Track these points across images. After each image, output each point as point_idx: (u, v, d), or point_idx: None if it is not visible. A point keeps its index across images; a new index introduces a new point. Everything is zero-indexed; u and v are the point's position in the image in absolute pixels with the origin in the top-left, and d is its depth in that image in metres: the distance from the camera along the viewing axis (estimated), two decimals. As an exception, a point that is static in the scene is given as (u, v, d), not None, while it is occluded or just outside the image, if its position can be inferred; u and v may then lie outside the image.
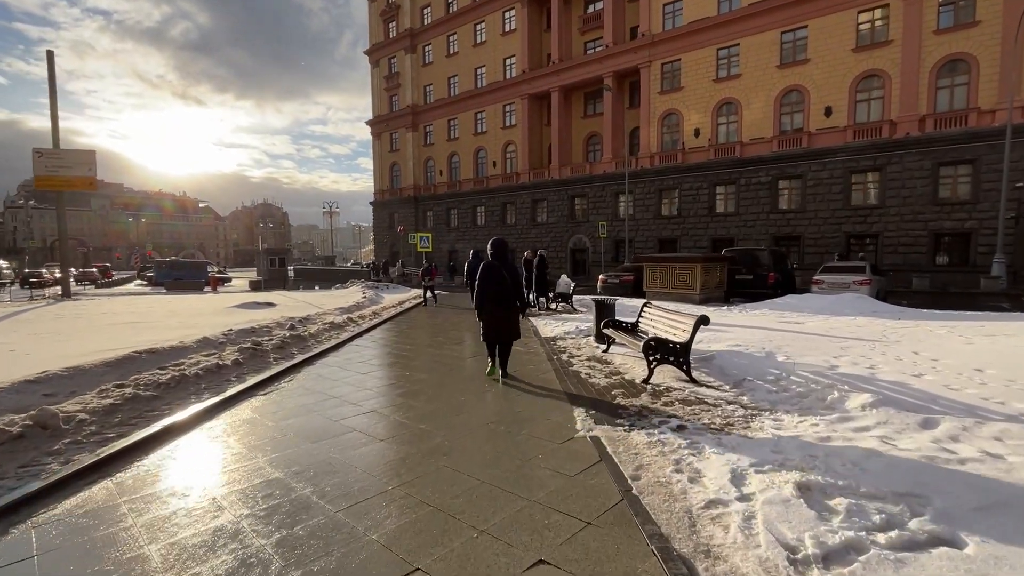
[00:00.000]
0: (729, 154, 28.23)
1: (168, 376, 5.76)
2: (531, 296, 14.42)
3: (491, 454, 3.89)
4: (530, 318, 12.23)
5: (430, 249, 22.69)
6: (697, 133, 29.39)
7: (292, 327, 9.68)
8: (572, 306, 13.53)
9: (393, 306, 15.69)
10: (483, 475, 3.49)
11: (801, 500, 2.75)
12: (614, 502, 3.03)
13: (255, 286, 28.05)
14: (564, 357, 7.50)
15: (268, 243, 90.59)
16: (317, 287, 25.70)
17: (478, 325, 6.47)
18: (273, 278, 28.36)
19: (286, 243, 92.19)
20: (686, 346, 5.64)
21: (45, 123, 17.44)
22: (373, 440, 4.29)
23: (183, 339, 7.78)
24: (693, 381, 5.64)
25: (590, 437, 4.12)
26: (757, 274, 15.10)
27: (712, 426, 4.23)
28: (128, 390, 5.19)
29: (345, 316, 12.09)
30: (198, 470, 3.73)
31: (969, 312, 11.75)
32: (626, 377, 6.10)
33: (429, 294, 16.77)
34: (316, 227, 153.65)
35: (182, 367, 6.23)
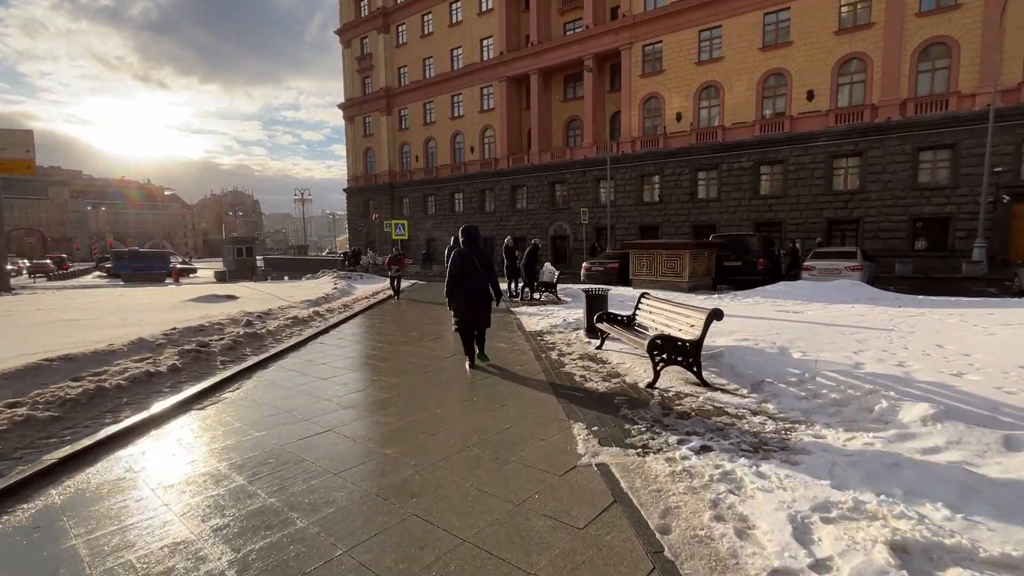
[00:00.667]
0: (711, 139, 27.70)
1: (80, 390, 4.73)
2: (514, 285, 13.61)
3: (473, 493, 3.04)
4: (512, 310, 11.40)
5: (406, 237, 21.58)
6: (679, 117, 28.75)
7: (248, 323, 8.64)
8: (557, 295, 12.73)
9: (365, 298, 14.65)
10: (463, 529, 2.64)
11: (904, 573, 1.98)
12: (643, 574, 2.22)
13: (221, 277, 26.50)
14: (554, 355, 6.69)
15: (240, 232, 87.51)
16: (286, 277, 24.38)
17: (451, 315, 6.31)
18: (240, 268, 26.85)
19: (257, 232, 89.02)
20: (697, 345, 4.87)
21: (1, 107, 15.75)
22: (325, 473, 3.39)
23: (115, 341, 6.70)
24: (705, 385, 4.88)
25: (597, 465, 3.31)
26: (746, 260, 14.54)
27: (743, 446, 3.47)
28: (22, 411, 4.17)
29: (311, 310, 11.05)
30: (83, 528, 2.79)
31: (964, 298, 11.36)
32: (627, 380, 5.31)
33: (403, 283, 15.76)
34: (289, 216, 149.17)
35: (102, 377, 5.19)
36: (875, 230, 24.01)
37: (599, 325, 6.62)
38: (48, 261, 37.55)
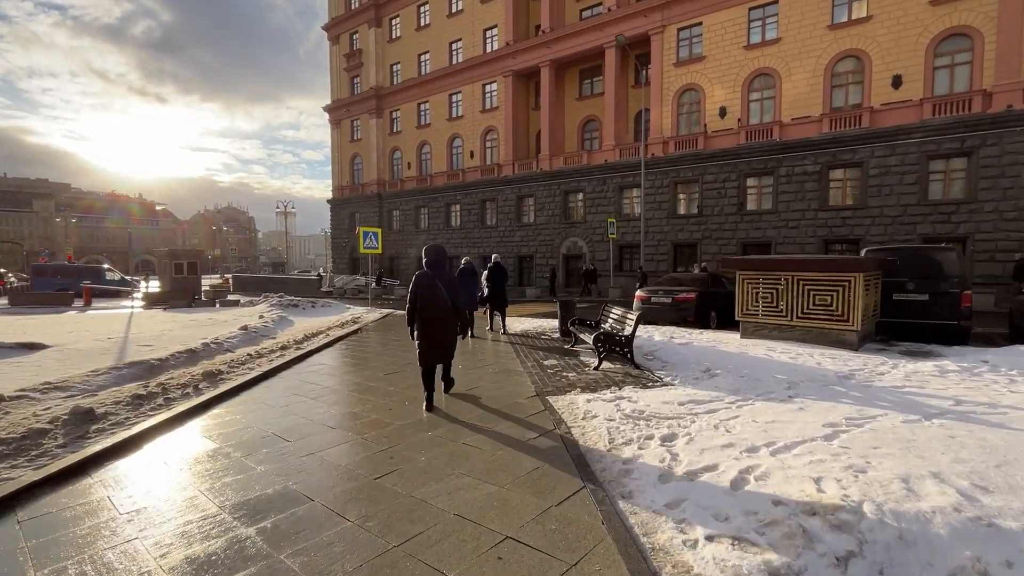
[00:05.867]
0: (765, 137, 21.64)
1: None
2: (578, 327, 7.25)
3: None
4: (551, 398, 4.90)
5: (378, 250, 15.15)
6: (723, 113, 22.74)
7: None
8: (634, 360, 6.20)
9: (280, 349, 8.08)
10: None
11: None
12: None
13: (151, 300, 19.98)
14: None
15: (233, 250, 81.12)
16: (218, 304, 17.85)
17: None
18: (178, 290, 20.24)
19: (235, 249, 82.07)
20: None
21: None
22: None
23: None
24: None
25: None
26: (936, 293, 8.13)
27: None
28: None
29: (74, 403, 4.49)
30: None
31: None
32: None
33: (371, 315, 9.24)
34: (289, 234, 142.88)
35: None
36: (990, 251, 17.77)
37: None
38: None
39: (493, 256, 10.65)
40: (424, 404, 4.79)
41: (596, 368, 6.12)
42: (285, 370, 6.70)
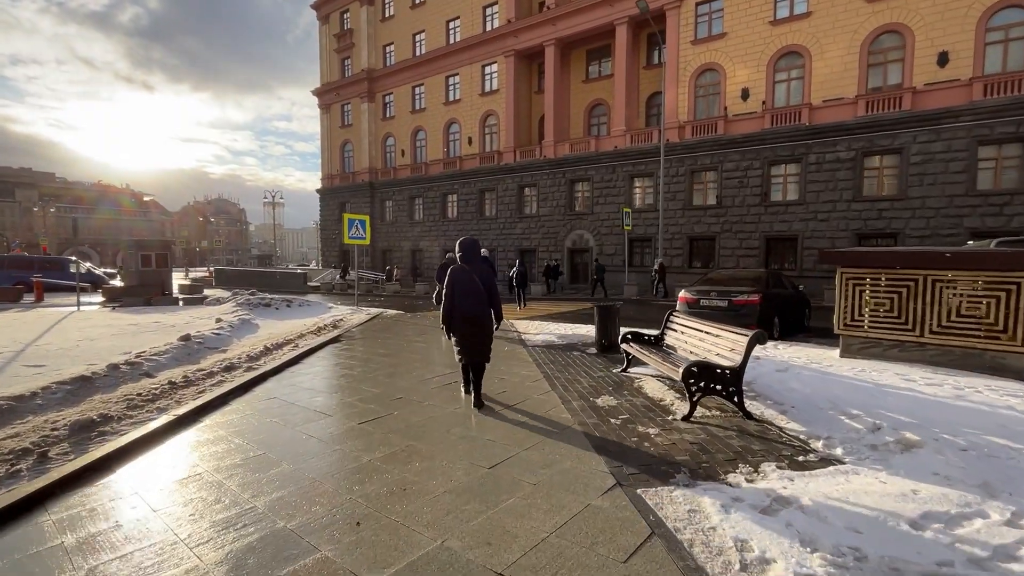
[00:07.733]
0: (792, 121, 19.53)
1: None
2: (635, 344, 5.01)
3: None
4: (645, 492, 2.67)
5: (366, 241, 12.85)
6: (746, 95, 20.58)
7: None
8: (743, 406, 4.02)
9: (222, 371, 5.81)
10: None
11: None
12: None
13: (110, 296, 17.54)
14: None
15: (217, 241, 78.04)
16: (181, 302, 15.43)
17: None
18: (145, 284, 17.76)
19: (216, 240, 78.59)
20: None
21: None
22: None
23: None
24: None
25: None
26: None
27: None
28: None
29: None
30: None
31: None
32: None
33: (356, 314, 7.03)
34: (280, 226, 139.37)
35: None
36: (1046, 246, 15.75)
37: None
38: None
39: None
40: (462, 391, 4.57)
41: (686, 418, 3.93)
42: (212, 412, 4.44)
